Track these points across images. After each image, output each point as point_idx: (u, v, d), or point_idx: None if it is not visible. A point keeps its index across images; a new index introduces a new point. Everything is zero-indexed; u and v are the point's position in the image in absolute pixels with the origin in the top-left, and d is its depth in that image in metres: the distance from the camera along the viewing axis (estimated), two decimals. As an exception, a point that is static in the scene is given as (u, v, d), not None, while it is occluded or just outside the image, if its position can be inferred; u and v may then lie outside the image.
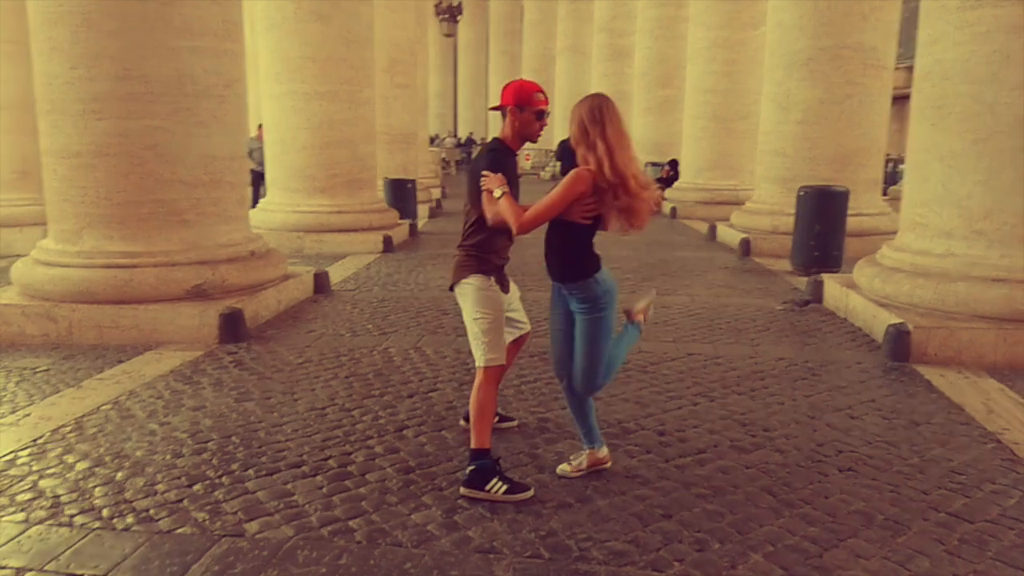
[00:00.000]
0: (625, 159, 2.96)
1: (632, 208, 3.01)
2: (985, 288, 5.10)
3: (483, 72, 40.10)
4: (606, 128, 2.96)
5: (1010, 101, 5.01)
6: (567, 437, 3.73)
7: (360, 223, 10.31)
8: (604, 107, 3.02)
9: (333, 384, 4.59)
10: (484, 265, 3.38)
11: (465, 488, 3.15)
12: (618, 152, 2.95)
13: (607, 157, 2.92)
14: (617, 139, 2.96)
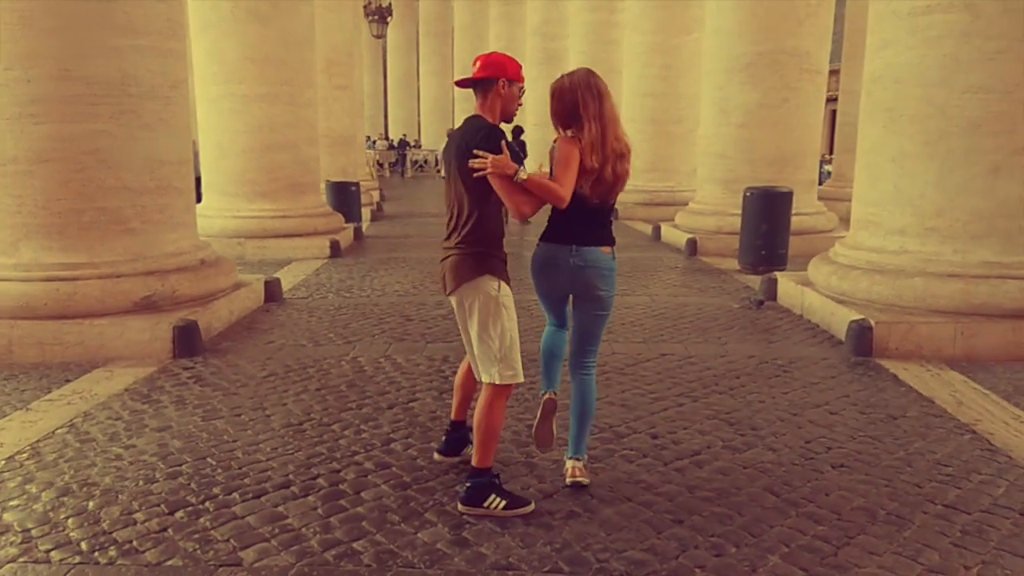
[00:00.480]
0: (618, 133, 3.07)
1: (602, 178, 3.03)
2: (941, 283, 5.29)
3: (413, 74, 39.71)
4: (600, 104, 3.03)
5: (960, 103, 5.21)
6: (561, 444, 3.66)
7: (304, 228, 10.01)
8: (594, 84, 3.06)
9: (305, 398, 4.39)
10: (490, 264, 2.97)
11: (463, 505, 3.01)
12: (611, 127, 3.03)
13: (601, 135, 3.00)
14: (612, 115, 3.06)
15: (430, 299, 7.13)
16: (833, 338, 5.70)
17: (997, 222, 5.22)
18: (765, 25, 9.65)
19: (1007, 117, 5.09)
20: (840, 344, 5.50)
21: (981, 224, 5.26)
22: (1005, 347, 5.07)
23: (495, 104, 3.06)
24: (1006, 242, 5.21)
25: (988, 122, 5.14)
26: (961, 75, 5.20)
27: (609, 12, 17.97)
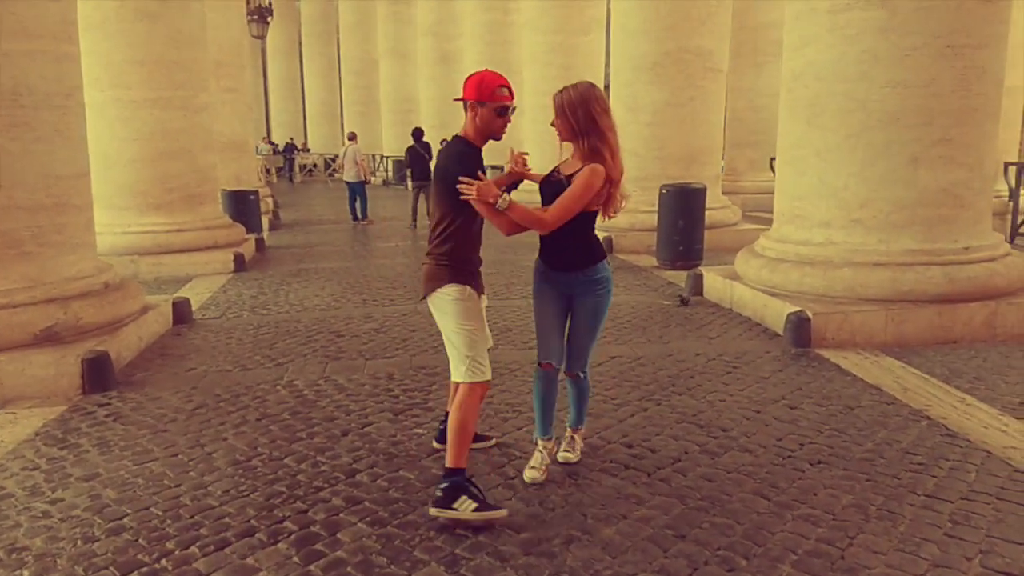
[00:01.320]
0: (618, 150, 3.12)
1: (613, 196, 3.13)
2: (868, 273, 5.49)
3: (297, 76, 38.41)
4: (610, 118, 3.10)
5: (880, 98, 5.41)
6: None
7: (204, 241, 9.36)
8: (602, 97, 3.10)
9: (246, 430, 4.02)
10: (458, 274, 3.14)
11: (434, 508, 2.94)
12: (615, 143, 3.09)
13: (617, 148, 3.07)
14: (615, 130, 3.09)
15: (356, 312, 6.79)
16: (768, 331, 5.81)
17: (918, 211, 5.46)
18: (669, 24, 9.83)
19: (924, 110, 5.33)
20: (778, 336, 5.61)
21: (903, 214, 5.49)
22: (932, 331, 5.31)
23: (471, 125, 3.11)
24: (927, 230, 5.46)
25: (906, 115, 5.37)
26: (880, 70, 5.40)
27: (504, 12, 17.95)
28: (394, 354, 5.38)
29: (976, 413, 4.01)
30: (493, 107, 3.06)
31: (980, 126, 5.46)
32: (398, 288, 7.97)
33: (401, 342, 5.70)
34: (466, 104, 3.09)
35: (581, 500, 3.12)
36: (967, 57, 5.32)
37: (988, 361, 4.92)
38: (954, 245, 5.45)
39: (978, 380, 4.56)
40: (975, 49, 5.33)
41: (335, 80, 34.08)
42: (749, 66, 15.97)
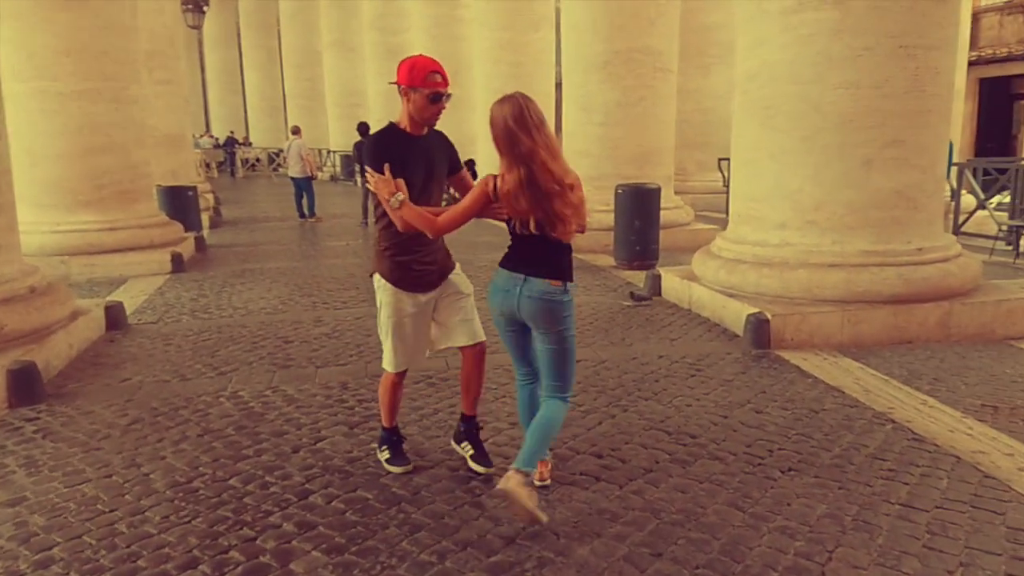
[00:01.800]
0: (553, 170, 2.81)
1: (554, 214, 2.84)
2: (824, 274, 5.49)
3: (236, 67, 37.32)
4: (531, 137, 2.78)
5: (834, 99, 5.41)
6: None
7: (139, 240, 8.93)
8: (531, 113, 2.80)
9: (187, 448, 3.75)
10: (384, 266, 3.23)
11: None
12: (543, 167, 2.78)
13: (526, 176, 2.79)
14: (546, 150, 2.79)
15: (305, 316, 6.51)
16: (728, 332, 5.77)
17: (871, 213, 5.48)
18: (619, 24, 9.76)
19: (877, 112, 5.34)
20: (737, 337, 5.57)
21: (856, 216, 5.50)
22: (887, 331, 5.33)
23: (404, 111, 3.10)
24: (880, 231, 5.49)
25: (860, 117, 5.37)
26: (833, 72, 5.40)
27: (452, 7, 17.70)
28: (347, 361, 5.14)
29: (940, 416, 4.01)
30: (425, 93, 3.03)
31: (933, 128, 5.50)
32: (350, 289, 7.70)
33: (355, 348, 5.46)
34: (400, 89, 3.06)
35: (553, 517, 2.96)
36: (920, 58, 5.35)
37: (945, 362, 4.96)
38: (908, 246, 5.49)
39: (938, 381, 4.58)
40: (928, 50, 5.37)
41: (276, 72, 33.25)
42: (696, 68, 16.07)
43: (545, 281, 2.86)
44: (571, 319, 2.94)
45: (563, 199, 2.79)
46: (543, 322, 2.91)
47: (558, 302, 2.88)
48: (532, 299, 2.88)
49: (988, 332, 5.42)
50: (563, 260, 2.92)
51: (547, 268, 2.88)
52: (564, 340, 2.93)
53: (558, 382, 2.99)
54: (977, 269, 5.73)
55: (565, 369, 2.98)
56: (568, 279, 2.92)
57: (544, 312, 2.89)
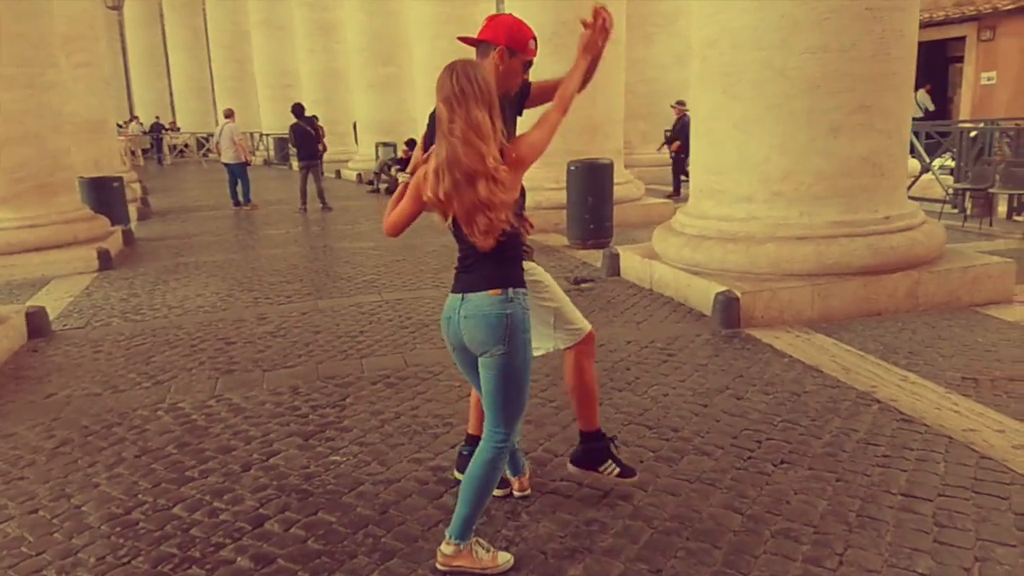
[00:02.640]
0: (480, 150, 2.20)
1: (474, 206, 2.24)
2: (793, 247, 5.33)
3: (160, 49, 35.63)
4: (469, 111, 2.20)
5: (800, 65, 5.21)
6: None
7: (62, 237, 8.30)
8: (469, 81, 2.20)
9: (123, 472, 3.36)
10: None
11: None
12: (465, 144, 2.20)
13: (449, 153, 2.24)
14: (474, 128, 2.19)
15: (248, 313, 6.08)
16: (694, 311, 5.58)
17: (839, 182, 5.33)
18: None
19: (846, 76, 5.17)
20: (705, 317, 5.38)
21: (824, 185, 5.35)
22: (858, 304, 5.21)
23: (494, 73, 2.57)
24: (849, 200, 5.35)
25: (827, 82, 5.20)
26: (799, 36, 5.19)
27: (385, -20, 17.05)
28: (296, 362, 4.77)
29: (924, 393, 3.88)
30: (523, 59, 2.66)
31: (899, 90, 5.38)
32: (293, 282, 7.26)
33: (304, 347, 5.09)
34: (486, 47, 2.64)
35: (537, 533, 2.70)
36: (885, 20, 5.19)
37: (918, 333, 4.85)
38: (875, 215, 5.36)
39: (914, 355, 4.46)
40: (892, 12, 5.21)
41: (203, 53, 31.85)
42: (639, 38, 15.82)
43: (483, 294, 2.33)
44: (519, 338, 2.34)
45: (479, 184, 2.19)
46: (481, 343, 2.34)
47: (498, 315, 2.31)
48: (469, 319, 2.34)
49: (955, 300, 5.35)
50: (504, 263, 2.35)
51: (485, 278, 2.35)
52: (505, 365, 2.33)
53: (492, 419, 2.41)
54: (942, 236, 5.66)
55: (503, 401, 2.37)
56: (511, 284, 2.35)
57: (482, 329, 2.33)
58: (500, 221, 2.22)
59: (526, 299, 2.40)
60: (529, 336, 2.39)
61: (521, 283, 2.39)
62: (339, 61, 20.34)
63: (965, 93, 16.56)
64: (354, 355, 4.86)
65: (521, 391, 2.40)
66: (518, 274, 2.40)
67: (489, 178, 2.18)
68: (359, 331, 5.39)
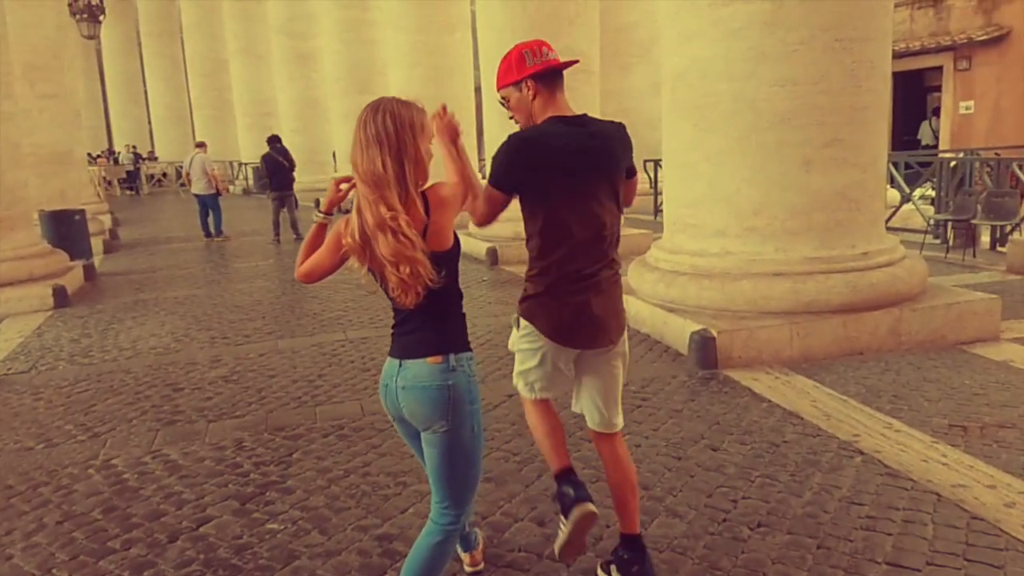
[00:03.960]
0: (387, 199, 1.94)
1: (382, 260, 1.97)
2: (769, 284, 5.12)
3: (138, 77, 35.40)
4: (382, 155, 1.95)
5: (769, 97, 5.05)
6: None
7: (16, 274, 7.98)
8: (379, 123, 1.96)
9: (41, 541, 3.05)
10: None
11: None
12: (374, 190, 1.95)
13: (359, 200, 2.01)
14: (380, 172, 1.94)
15: (202, 355, 5.77)
16: (670, 350, 5.34)
17: (814, 216, 5.15)
18: (538, 23, 9.29)
19: (815, 109, 5.01)
20: (681, 356, 5.15)
21: (799, 220, 5.16)
22: (838, 343, 5.00)
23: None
24: (824, 235, 5.16)
25: (797, 115, 5.03)
26: (768, 67, 5.04)
27: (362, 9, 17.01)
28: (246, 411, 4.48)
29: (909, 442, 3.65)
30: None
31: (871, 124, 5.22)
32: (255, 319, 6.97)
33: (256, 393, 4.79)
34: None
35: (487, 618, 2.42)
36: (856, 52, 5.05)
37: (902, 374, 4.64)
38: (853, 250, 5.18)
39: (898, 399, 4.24)
40: (863, 43, 5.08)
41: (182, 81, 31.66)
42: (615, 68, 15.82)
43: (421, 361, 2.05)
44: (464, 410, 2.05)
45: (386, 238, 1.91)
46: (422, 418, 2.07)
47: (439, 387, 2.03)
48: (407, 390, 2.06)
49: (939, 338, 5.16)
50: (444, 324, 2.08)
51: (423, 342, 2.06)
52: (450, 442, 2.05)
53: (439, 497, 2.12)
54: (924, 271, 5.48)
55: (450, 480, 2.09)
56: (453, 349, 2.06)
57: (421, 403, 2.05)
58: (411, 276, 1.94)
59: (471, 364, 2.12)
60: (477, 407, 2.11)
61: (465, 347, 2.11)
62: (317, 90, 20.21)
63: (943, 122, 16.62)
64: (308, 402, 4.57)
65: (470, 468, 2.12)
66: (461, 336, 2.13)
67: (387, 229, 1.92)
68: (317, 374, 5.11)
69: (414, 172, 1.97)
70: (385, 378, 2.14)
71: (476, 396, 2.11)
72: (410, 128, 1.97)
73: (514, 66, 2.43)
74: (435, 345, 2.06)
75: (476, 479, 2.16)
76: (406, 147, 1.95)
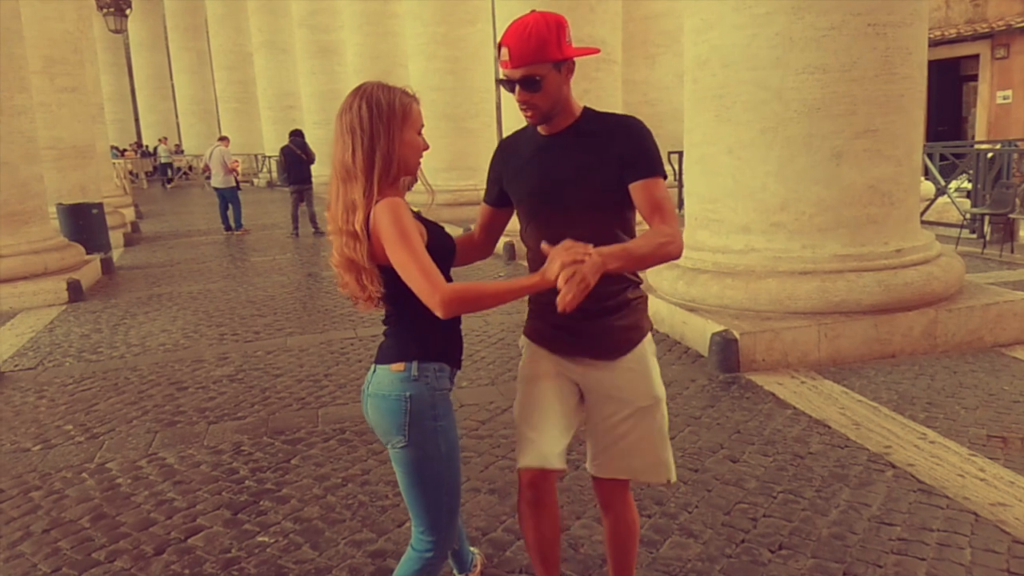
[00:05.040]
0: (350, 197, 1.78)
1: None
2: (795, 283, 4.87)
3: (165, 71, 35.68)
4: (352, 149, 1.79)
5: (797, 85, 4.79)
6: None
7: (32, 268, 7.94)
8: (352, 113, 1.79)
9: (25, 551, 2.93)
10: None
11: None
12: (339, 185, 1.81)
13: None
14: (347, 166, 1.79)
15: (209, 352, 5.66)
16: (690, 351, 5.12)
17: (843, 212, 4.88)
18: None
19: (846, 98, 4.74)
20: (701, 358, 4.92)
21: (828, 215, 4.90)
22: (869, 345, 4.74)
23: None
24: (854, 232, 4.89)
25: (827, 104, 4.77)
26: (796, 54, 4.78)
27: (384, 2, 16.88)
28: (248, 412, 4.34)
29: (945, 455, 3.40)
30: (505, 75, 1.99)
31: (907, 113, 4.93)
32: (267, 315, 6.85)
33: (260, 393, 4.66)
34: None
35: (481, 648, 2.24)
36: (890, 37, 4.77)
37: (936, 380, 4.37)
38: (885, 248, 4.90)
39: (933, 407, 3.98)
40: (898, 28, 4.79)
41: (207, 75, 31.81)
42: (641, 58, 15.50)
43: (386, 368, 1.86)
44: (426, 427, 1.82)
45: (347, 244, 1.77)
46: (381, 431, 1.88)
47: (396, 397, 1.82)
48: (370, 398, 1.88)
49: (977, 340, 4.87)
50: (417, 328, 1.85)
51: (389, 346, 1.90)
52: (410, 462, 1.84)
53: (415, 522, 1.92)
54: (960, 270, 5.18)
55: (417, 505, 1.88)
56: (419, 356, 1.83)
57: (378, 413, 1.85)
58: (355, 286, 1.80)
59: (442, 377, 1.87)
60: (446, 424, 1.87)
61: (437, 357, 1.86)
62: (339, 83, 20.08)
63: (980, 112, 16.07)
64: (312, 404, 4.43)
65: (439, 493, 1.87)
66: (434, 345, 1.86)
67: (341, 232, 1.76)
68: (323, 374, 4.96)
69: (382, 165, 1.77)
70: (364, 384, 1.95)
71: (444, 412, 1.87)
72: (387, 116, 1.77)
73: (555, 38, 1.88)
74: (398, 351, 1.86)
75: (450, 504, 1.90)
76: (378, 137, 1.76)
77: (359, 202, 1.74)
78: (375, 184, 1.76)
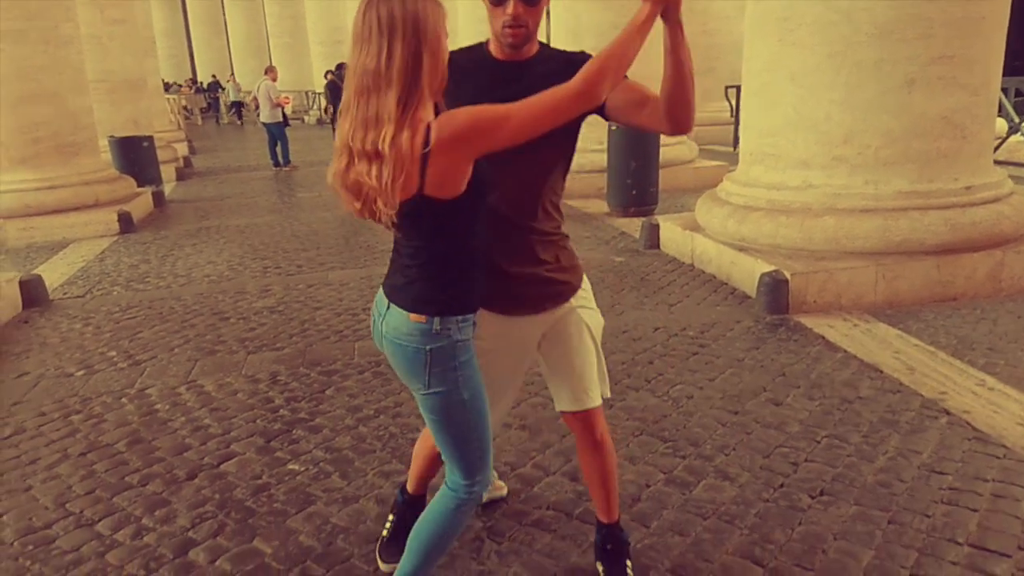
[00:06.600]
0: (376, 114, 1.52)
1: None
2: (855, 221, 4.61)
3: (218, 8, 35.66)
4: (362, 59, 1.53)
5: (869, 6, 4.44)
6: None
7: (83, 199, 8.08)
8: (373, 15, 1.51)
9: (61, 473, 2.99)
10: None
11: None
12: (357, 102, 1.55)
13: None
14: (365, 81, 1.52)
15: (252, 284, 5.69)
16: (737, 292, 4.93)
17: (913, 145, 4.56)
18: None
19: (922, 20, 4.38)
20: (749, 299, 4.73)
21: (895, 148, 4.59)
22: (929, 287, 4.49)
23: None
24: (923, 167, 4.58)
25: (901, 27, 4.41)
26: (868, -28, 4.41)
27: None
28: (286, 343, 4.35)
29: (1004, 403, 3.19)
30: None
31: (987, 38, 4.54)
32: (310, 249, 6.86)
33: (299, 325, 4.67)
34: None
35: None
36: (972, -48, 4.36)
37: (999, 325, 4.12)
38: (955, 184, 4.59)
39: (993, 352, 3.75)
40: (982, -58, 4.37)
41: (259, 11, 31.66)
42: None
43: (402, 313, 1.70)
44: (449, 376, 1.70)
45: (369, 167, 1.52)
46: (402, 374, 1.77)
47: (416, 350, 1.69)
48: (387, 340, 1.74)
49: (1046, 285, 4.57)
50: (433, 275, 1.68)
51: (405, 290, 1.71)
52: (436, 407, 1.74)
53: (447, 463, 1.85)
54: (1034, 210, 4.83)
55: (448, 448, 1.80)
56: (443, 310, 1.67)
57: (398, 360, 1.75)
58: (365, 210, 1.59)
59: (464, 327, 1.71)
60: (467, 371, 1.72)
61: (463, 308, 1.70)
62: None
63: (1065, 44, 14.92)
64: (349, 336, 4.41)
65: (467, 436, 1.77)
66: (460, 294, 1.69)
67: (365, 156, 1.51)
68: (362, 308, 4.94)
69: (431, 65, 1.50)
70: (375, 311, 1.82)
71: (466, 360, 1.72)
72: (432, 10, 1.51)
73: None
74: (422, 300, 1.68)
75: (482, 449, 1.79)
76: (424, 34, 1.48)
77: (391, 114, 1.47)
78: (424, 90, 1.49)
